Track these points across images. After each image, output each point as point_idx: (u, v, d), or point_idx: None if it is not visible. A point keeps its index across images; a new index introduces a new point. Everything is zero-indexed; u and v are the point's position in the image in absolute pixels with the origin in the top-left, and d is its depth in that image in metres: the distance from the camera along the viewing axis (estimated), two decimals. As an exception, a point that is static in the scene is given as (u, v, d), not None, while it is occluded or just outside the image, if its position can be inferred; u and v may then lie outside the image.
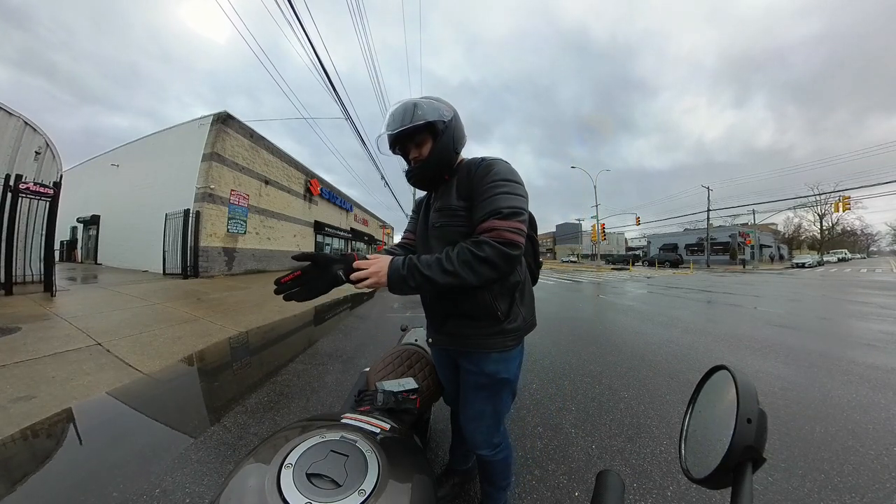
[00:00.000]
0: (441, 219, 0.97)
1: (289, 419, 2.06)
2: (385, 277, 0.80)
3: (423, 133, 0.94)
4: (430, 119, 0.90)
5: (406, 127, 0.89)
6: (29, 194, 6.37)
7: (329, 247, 23.70)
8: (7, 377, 2.54)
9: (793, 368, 2.96)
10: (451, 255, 0.80)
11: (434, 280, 0.78)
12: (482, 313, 0.93)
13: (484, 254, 0.77)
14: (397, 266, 0.81)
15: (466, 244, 0.81)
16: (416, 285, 0.79)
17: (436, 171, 0.98)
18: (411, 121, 0.89)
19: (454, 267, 0.78)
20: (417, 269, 0.79)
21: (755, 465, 0.36)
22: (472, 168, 0.95)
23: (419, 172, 0.98)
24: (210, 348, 3.54)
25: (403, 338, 1.64)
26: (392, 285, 0.80)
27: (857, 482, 1.48)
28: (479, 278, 0.79)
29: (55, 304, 5.47)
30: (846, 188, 31.03)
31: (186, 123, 12.78)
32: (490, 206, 0.83)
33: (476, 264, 0.78)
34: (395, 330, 4.16)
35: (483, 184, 0.88)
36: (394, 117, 0.91)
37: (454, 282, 0.78)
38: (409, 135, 0.93)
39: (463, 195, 0.94)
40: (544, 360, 3.16)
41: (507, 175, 0.88)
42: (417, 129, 0.91)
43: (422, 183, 1.04)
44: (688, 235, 43.98)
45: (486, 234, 0.80)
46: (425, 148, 0.95)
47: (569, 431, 1.91)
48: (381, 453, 0.59)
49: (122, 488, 1.41)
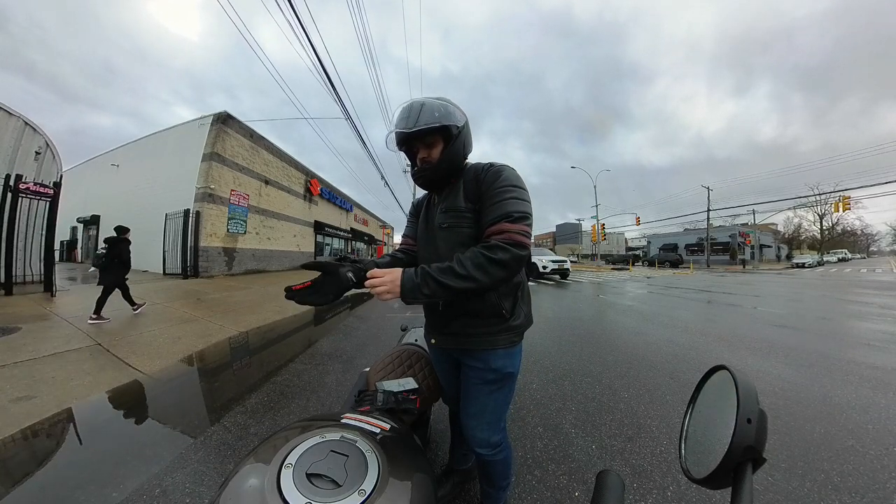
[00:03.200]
0: (448, 220, 0.98)
1: (289, 419, 2.06)
2: (398, 287, 0.81)
3: (434, 135, 0.94)
4: (446, 123, 0.91)
5: (422, 128, 0.89)
6: (29, 194, 6.38)
7: (329, 247, 23.70)
8: (7, 377, 2.55)
9: (793, 368, 2.95)
10: (464, 259, 0.81)
11: (449, 285, 0.79)
12: (488, 312, 0.95)
13: (497, 256, 0.80)
14: (410, 275, 0.82)
15: (478, 248, 0.82)
16: (430, 292, 0.80)
17: (445, 174, 0.99)
18: (427, 122, 0.89)
19: (468, 271, 0.79)
20: (431, 276, 0.80)
21: (755, 465, 0.36)
22: (479, 172, 0.96)
23: (429, 174, 0.99)
24: (210, 348, 3.54)
25: (403, 338, 1.64)
26: (405, 294, 0.81)
27: (857, 482, 1.48)
28: (492, 280, 0.81)
29: (55, 304, 5.47)
30: (846, 188, 31.03)
31: (186, 123, 12.79)
32: (500, 210, 0.86)
33: (489, 266, 0.80)
34: (395, 330, 4.15)
35: (493, 188, 0.90)
36: (409, 115, 0.91)
37: (469, 285, 0.80)
38: (421, 135, 0.93)
39: (470, 198, 0.95)
40: (544, 360, 3.16)
41: (515, 181, 0.91)
42: (431, 130, 0.92)
43: (430, 184, 1.05)
44: (688, 235, 43.92)
45: (496, 237, 0.83)
46: (435, 150, 0.96)
47: (569, 431, 1.91)
48: (381, 453, 0.59)
49: (122, 488, 1.41)
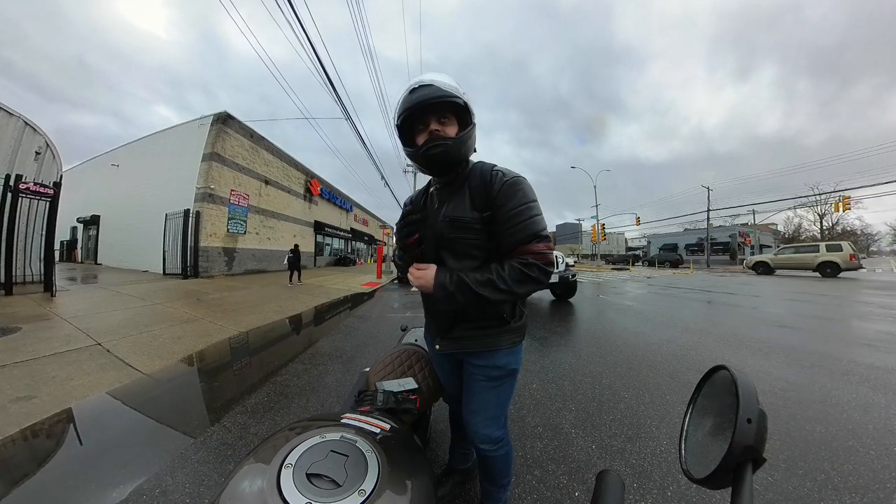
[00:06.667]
0: (454, 232, 0.94)
1: (289, 419, 2.06)
2: (431, 286, 0.87)
3: (450, 113, 0.90)
4: (467, 100, 0.89)
5: (451, 96, 0.86)
6: (29, 194, 6.38)
7: (329, 247, 23.72)
8: (7, 377, 2.54)
9: (793, 368, 2.95)
10: (504, 275, 0.84)
11: (486, 297, 0.83)
12: (490, 316, 0.96)
13: (535, 274, 0.85)
14: (443, 281, 0.86)
15: (517, 265, 0.85)
16: (464, 300, 0.85)
17: (456, 157, 0.92)
18: (453, 91, 0.87)
19: (509, 286, 0.83)
20: (469, 287, 0.84)
21: (755, 465, 0.36)
22: (488, 179, 0.92)
23: (448, 148, 0.88)
24: (210, 348, 3.54)
25: (403, 338, 1.64)
26: (437, 295, 0.87)
27: (857, 482, 1.48)
28: (526, 294, 0.88)
29: (55, 304, 5.47)
30: (846, 188, 31.00)
31: (186, 123, 12.80)
32: (531, 230, 0.88)
33: (527, 284, 0.85)
34: (395, 330, 4.15)
35: (516, 206, 0.89)
36: (429, 86, 0.86)
37: (504, 298, 0.85)
38: (437, 107, 0.88)
39: (478, 206, 0.92)
40: (544, 359, 3.16)
41: (533, 195, 0.92)
42: (451, 105, 0.88)
43: (444, 159, 0.91)
44: (688, 235, 43.93)
45: (531, 256, 0.86)
46: (450, 128, 0.91)
47: (569, 431, 1.91)
48: (381, 453, 0.59)
49: (122, 488, 1.41)
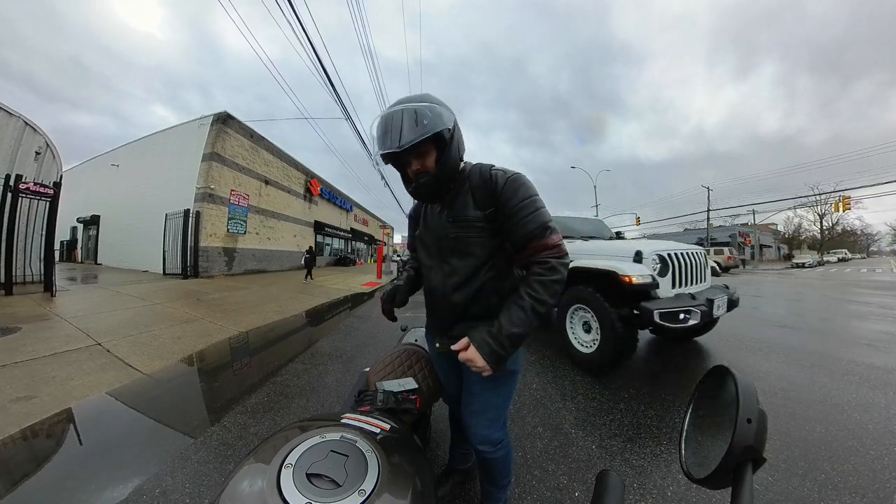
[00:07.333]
0: (457, 231, 0.94)
1: (289, 419, 2.06)
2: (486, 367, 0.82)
3: (426, 144, 0.85)
4: (436, 129, 0.82)
5: (414, 141, 0.81)
6: (29, 194, 6.38)
7: (329, 247, 23.71)
8: (7, 377, 2.54)
9: (793, 368, 2.95)
10: (540, 293, 0.83)
11: (533, 326, 0.83)
12: (492, 314, 0.94)
13: (560, 275, 0.84)
14: (491, 350, 0.81)
15: (544, 275, 0.84)
16: (515, 346, 0.83)
17: (445, 182, 0.94)
18: (416, 135, 0.81)
19: (546, 300, 0.83)
20: (517, 336, 0.82)
21: (755, 465, 0.36)
22: (487, 177, 0.92)
23: (430, 186, 0.91)
24: (210, 348, 3.54)
25: (403, 338, 1.64)
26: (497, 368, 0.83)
27: (857, 482, 1.48)
28: (560, 293, 0.86)
29: (55, 304, 5.47)
30: (846, 188, 31.01)
31: (186, 123, 12.80)
32: (538, 221, 0.87)
33: (557, 286, 0.84)
34: (395, 330, 4.15)
35: (521, 198, 0.88)
36: (390, 129, 0.82)
37: (546, 312, 0.83)
38: (412, 150, 0.85)
39: (480, 206, 0.92)
40: (544, 359, 3.16)
41: (535, 190, 0.91)
42: (423, 141, 0.83)
43: (432, 196, 0.99)
44: (688, 235, 43.91)
45: (547, 252, 0.85)
46: (429, 159, 0.88)
47: (569, 431, 1.91)
48: (381, 453, 0.59)
49: (122, 488, 1.41)
